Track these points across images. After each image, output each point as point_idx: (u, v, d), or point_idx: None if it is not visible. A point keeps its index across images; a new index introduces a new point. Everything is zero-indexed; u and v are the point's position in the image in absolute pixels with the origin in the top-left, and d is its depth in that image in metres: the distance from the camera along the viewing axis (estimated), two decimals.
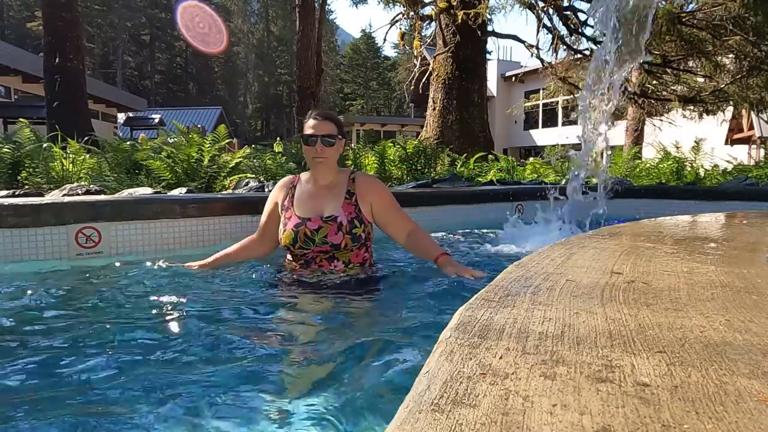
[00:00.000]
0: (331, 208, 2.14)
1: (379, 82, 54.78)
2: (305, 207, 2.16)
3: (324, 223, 2.11)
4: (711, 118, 11.27)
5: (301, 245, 2.11)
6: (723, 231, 2.04)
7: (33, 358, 1.38)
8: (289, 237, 2.13)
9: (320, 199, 2.16)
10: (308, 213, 2.14)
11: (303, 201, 2.18)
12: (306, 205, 2.17)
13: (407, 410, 0.49)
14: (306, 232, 2.10)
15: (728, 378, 0.57)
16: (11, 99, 19.14)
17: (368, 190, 2.21)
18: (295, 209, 2.16)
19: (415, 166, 6.03)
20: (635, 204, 4.89)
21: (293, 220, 2.14)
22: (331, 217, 2.12)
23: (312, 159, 2.13)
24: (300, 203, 2.18)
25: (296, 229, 2.11)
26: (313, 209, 2.15)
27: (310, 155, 2.13)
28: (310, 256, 2.15)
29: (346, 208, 2.14)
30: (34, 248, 2.57)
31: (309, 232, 2.10)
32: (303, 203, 2.18)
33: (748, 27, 7.49)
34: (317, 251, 2.13)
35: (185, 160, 4.32)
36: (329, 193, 2.18)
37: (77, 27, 9.54)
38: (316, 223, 2.11)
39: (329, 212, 2.13)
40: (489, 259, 2.80)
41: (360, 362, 1.37)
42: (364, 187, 2.20)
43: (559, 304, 0.85)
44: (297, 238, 2.11)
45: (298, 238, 2.11)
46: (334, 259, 2.16)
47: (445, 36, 9.47)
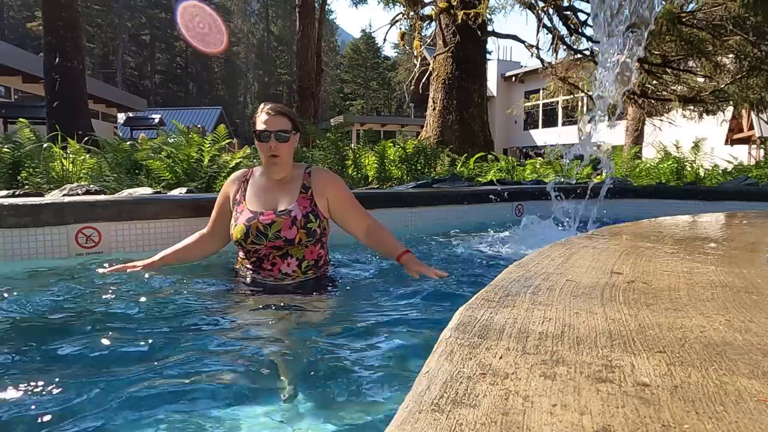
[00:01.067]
0: (285, 203, 2.06)
1: (379, 82, 54.76)
2: (258, 201, 2.08)
3: (277, 217, 2.02)
4: (711, 118, 11.28)
5: (253, 240, 2.02)
6: (723, 231, 2.04)
7: (26, 358, 1.38)
8: (240, 231, 2.03)
9: (274, 194, 2.09)
10: (261, 207, 2.06)
11: (256, 195, 2.10)
12: (259, 199, 2.09)
13: (407, 410, 0.49)
14: (258, 227, 2.01)
15: (728, 378, 0.57)
16: (11, 99, 19.14)
17: (325, 184, 2.14)
18: (247, 203, 2.08)
19: (415, 166, 6.03)
20: (635, 204, 4.89)
21: (245, 214, 2.05)
22: (284, 211, 2.04)
23: (266, 156, 2.03)
24: (253, 197, 2.09)
25: (248, 224, 2.02)
26: (267, 203, 2.07)
27: (264, 152, 2.03)
28: (263, 252, 2.06)
29: (301, 203, 2.06)
30: (34, 248, 2.57)
31: (261, 227, 2.01)
32: (256, 197, 2.09)
33: (748, 27, 7.49)
34: (270, 247, 2.03)
35: (185, 160, 4.32)
36: (284, 187, 2.10)
37: (77, 27, 9.54)
38: (269, 217, 2.02)
39: (283, 206, 2.05)
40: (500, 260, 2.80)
41: (360, 362, 1.37)
42: (320, 182, 2.13)
43: (559, 304, 0.85)
44: (249, 233, 2.01)
45: (250, 233, 2.01)
46: (288, 255, 2.07)
47: (445, 36, 9.47)
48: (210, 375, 1.28)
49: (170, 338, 1.52)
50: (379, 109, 53.53)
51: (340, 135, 5.95)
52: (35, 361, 1.37)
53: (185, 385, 1.22)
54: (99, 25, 45.87)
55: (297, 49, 9.42)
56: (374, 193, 4.13)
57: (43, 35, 9.57)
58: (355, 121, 26.54)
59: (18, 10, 44.96)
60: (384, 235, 2.17)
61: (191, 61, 53.48)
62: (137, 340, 1.49)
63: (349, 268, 2.47)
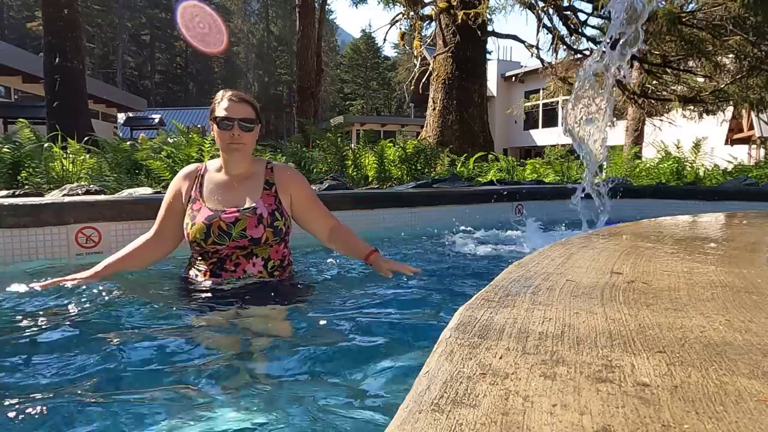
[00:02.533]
0: (248, 199, 1.93)
1: (379, 82, 54.75)
2: (217, 198, 1.93)
3: (241, 214, 1.88)
4: (711, 118, 11.28)
5: (215, 240, 1.86)
6: (723, 231, 2.04)
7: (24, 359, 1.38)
8: (199, 231, 1.86)
9: (234, 190, 1.94)
10: (221, 204, 1.91)
11: (214, 191, 1.94)
12: (218, 195, 1.93)
13: (407, 410, 0.49)
14: (221, 225, 1.86)
15: (728, 378, 0.57)
16: (11, 99, 19.14)
17: (288, 180, 2.02)
18: (205, 200, 1.92)
19: (414, 166, 6.03)
20: (635, 204, 4.89)
21: (204, 212, 1.89)
22: (249, 208, 1.90)
23: (227, 145, 1.89)
24: (211, 194, 1.94)
25: (208, 222, 1.86)
26: (228, 200, 1.92)
27: (225, 141, 1.88)
28: (225, 253, 1.90)
29: (265, 200, 1.94)
30: (34, 248, 2.57)
31: (224, 225, 1.86)
32: (214, 194, 1.94)
33: (748, 27, 7.50)
34: (233, 247, 1.89)
35: (185, 160, 4.32)
36: (244, 183, 1.96)
37: (77, 27, 9.54)
38: (231, 214, 1.88)
39: (247, 203, 1.92)
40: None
41: (359, 363, 1.37)
42: (284, 178, 2.01)
43: (559, 304, 0.85)
44: (210, 232, 1.86)
45: (212, 232, 1.86)
46: (253, 255, 1.93)
47: (445, 36, 9.47)
48: (195, 389, 1.28)
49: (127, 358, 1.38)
50: (379, 109, 53.53)
51: (340, 135, 5.95)
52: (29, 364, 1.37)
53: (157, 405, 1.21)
54: (99, 25, 45.87)
55: (297, 49, 9.43)
56: (374, 193, 4.13)
57: (43, 35, 9.58)
58: (355, 121, 26.55)
59: (18, 10, 44.95)
60: (349, 236, 2.09)
61: (191, 61, 53.49)
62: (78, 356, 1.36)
63: (316, 268, 2.36)
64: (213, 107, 1.92)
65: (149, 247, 1.98)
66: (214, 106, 1.92)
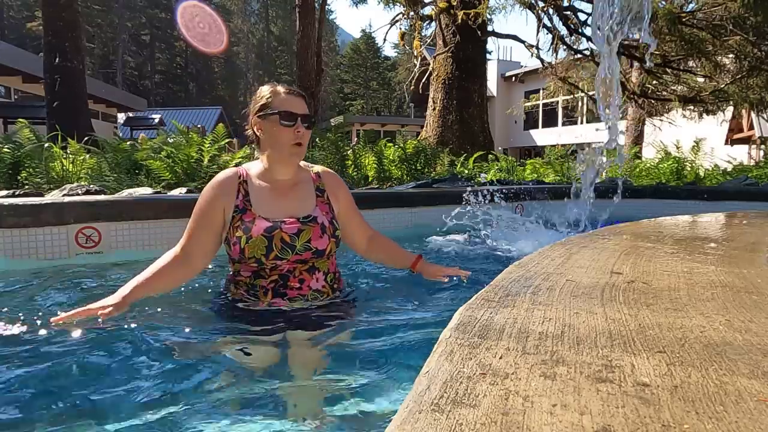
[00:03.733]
0: (305, 207, 1.73)
1: (379, 82, 54.76)
2: (271, 207, 1.70)
3: (303, 225, 1.68)
4: (711, 118, 11.28)
5: (278, 255, 1.63)
6: (723, 231, 2.04)
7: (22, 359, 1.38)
8: (259, 246, 1.62)
9: (287, 198, 1.73)
10: (278, 214, 1.69)
11: (265, 200, 1.71)
12: (271, 204, 1.70)
13: (407, 410, 0.49)
14: (283, 237, 1.64)
15: (728, 378, 0.57)
16: (11, 99, 19.15)
17: (337, 186, 1.85)
18: (257, 210, 1.68)
19: (414, 166, 6.04)
20: (635, 204, 4.89)
21: (260, 224, 1.65)
22: (309, 217, 1.71)
23: (288, 145, 1.66)
24: (262, 203, 1.70)
25: (269, 234, 1.63)
26: (282, 209, 1.70)
27: (287, 140, 1.65)
28: (286, 268, 1.67)
29: (321, 208, 1.76)
30: (34, 248, 2.57)
31: (287, 237, 1.64)
32: (266, 203, 1.70)
33: (748, 27, 7.50)
34: (294, 261, 1.67)
35: (185, 160, 4.32)
36: (295, 189, 1.76)
37: (77, 27, 9.55)
38: (293, 225, 1.67)
39: (305, 212, 1.72)
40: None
41: (359, 362, 1.37)
42: (332, 183, 1.84)
43: (559, 304, 0.85)
44: (272, 246, 1.63)
45: (274, 246, 1.63)
46: (315, 269, 1.72)
47: (445, 36, 9.47)
48: (206, 379, 1.28)
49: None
50: (379, 109, 53.53)
51: (340, 135, 5.95)
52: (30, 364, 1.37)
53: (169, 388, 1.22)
54: (99, 25, 45.88)
55: (297, 49, 9.41)
56: (374, 193, 4.13)
57: (43, 35, 9.58)
58: (355, 121, 26.56)
59: (18, 10, 44.96)
60: (390, 244, 1.96)
61: (191, 61, 53.49)
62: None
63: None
64: (264, 102, 1.68)
65: (178, 267, 1.66)
66: (266, 101, 1.68)
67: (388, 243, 1.96)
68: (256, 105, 1.70)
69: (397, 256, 1.94)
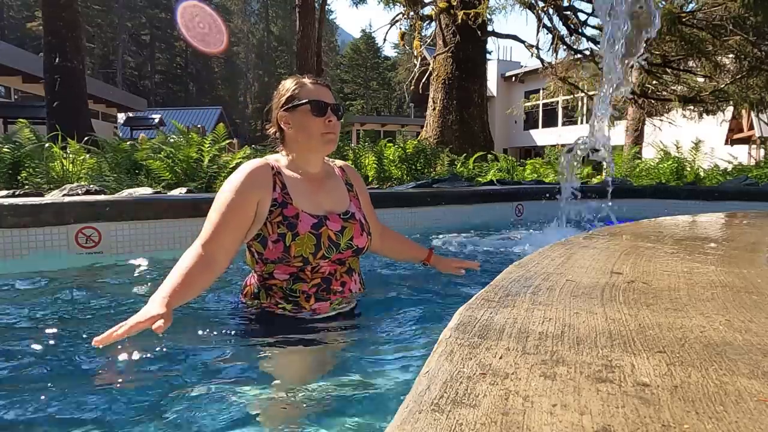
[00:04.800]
0: (342, 203, 1.63)
1: (379, 82, 54.77)
2: (311, 202, 1.56)
3: (345, 221, 1.58)
4: (711, 118, 11.29)
5: (324, 253, 1.51)
6: (723, 231, 2.04)
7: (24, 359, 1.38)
8: (308, 244, 1.48)
9: (323, 192, 1.61)
10: (319, 209, 1.56)
11: (304, 194, 1.56)
12: (310, 199, 1.57)
13: (407, 410, 0.49)
14: (330, 235, 1.52)
15: (728, 378, 0.57)
16: (11, 99, 19.15)
17: (360, 182, 1.79)
18: (299, 205, 1.53)
19: (414, 166, 6.04)
20: (635, 204, 4.89)
21: (306, 220, 1.51)
22: (348, 213, 1.61)
23: (321, 135, 1.54)
24: (301, 197, 1.55)
25: (317, 231, 1.50)
26: (322, 204, 1.58)
27: (319, 129, 1.53)
28: (327, 270, 1.56)
29: (354, 203, 1.67)
30: (34, 248, 2.57)
31: (333, 235, 1.53)
32: (306, 197, 1.56)
33: (748, 27, 7.50)
34: (335, 261, 1.56)
35: (185, 160, 4.32)
36: (327, 184, 1.65)
37: (77, 27, 9.54)
38: (336, 222, 1.56)
39: (343, 207, 1.62)
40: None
41: (360, 362, 1.37)
42: (356, 177, 1.77)
43: (559, 304, 0.85)
44: (321, 244, 1.50)
45: (322, 244, 1.50)
46: (352, 271, 1.63)
47: (445, 36, 9.47)
48: (211, 378, 1.28)
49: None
50: (379, 109, 53.54)
51: (341, 135, 5.95)
52: (30, 365, 1.37)
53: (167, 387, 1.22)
54: (99, 25, 45.88)
55: (297, 49, 9.41)
56: (374, 193, 4.13)
57: (43, 35, 9.58)
58: (355, 121, 26.54)
59: (18, 10, 44.96)
60: (401, 238, 1.92)
61: (191, 61, 53.48)
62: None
63: None
64: (291, 95, 1.56)
65: (205, 271, 1.40)
66: (292, 93, 1.56)
67: (400, 237, 1.94)
68: (281, 99, 1.58)
69: (410, 249, 1.93)
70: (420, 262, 1.91)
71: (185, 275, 1.33)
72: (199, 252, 1.41)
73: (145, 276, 2.37)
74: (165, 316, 1.16)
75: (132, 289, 2.14)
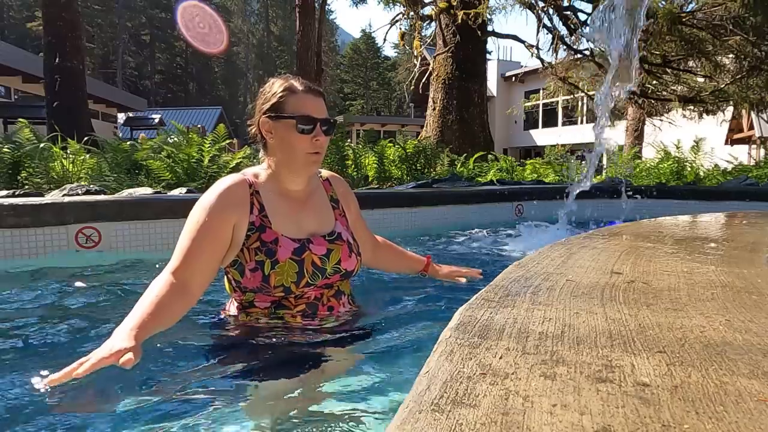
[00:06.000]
0: (326, 223, 1.49)
1: (379, 82, 54.78)
2: (292, 224, 1.42)
3: (330, 243, 1.45)
4: (711, 118, 11.28)
5: (308, 281, 1.39)
6: (723, 231, 2.04)
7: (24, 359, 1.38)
8: (289, 272, 1.36)
9: (305, 212, 1.47)
10: (301, 232, 1.42)
11: (283, 215, 1.42)
12: (291, 221, 1.42)
13: (407, 410, 0.49)
14: (314, 260, 1.39)
15: (728, 378, 0.57)
16: (11, 99, 19.15)
17: (347, 194, 1.63)
18: (278, 228, 1.39)
19: (415, 166, 6.04)
20: (635, 204, 4.89)
21: (286, 244, 1.37)
22: (334, 234, 1.48)
23: (305, 155, 1.38)
24: (281, 219, 1.41)
25: (299, 258, 1.37)
26: (304, 226, 1.44)
27: (304, 149, 1.37)
28: (312, 295, 1.44)
29: (341, 221, 1.53)
30: (34, 248, 2.57)
31: (317, 260, 1.40)
32: (285, 219, 1.42)
33: (748, 27, 7.49)
34: (321, 286, 1.44)
35: (185, 160, 4.32)
36: (310, 202, 1.49)
37: (77, 27, 9.55)
38: (321, 244, 1.43)
39: (328, 228, 1.48)
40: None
41: (359, 363, 1.37)
42: (343, 191, 1.62)
43: (559, 304, 0.85)
44: (303, 271, 1.37)
45: (305, 271, 1.38)
46: (341, 294, 1.52)
47: (445, 36, 9.47)
48: (208, 381, 1.28)
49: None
50: (379, 109, 53.54)
51: (340, 135, 5.95)
52: (29, 365, 1.37)
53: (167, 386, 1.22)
54: (99, 25, 45.89)
55: (297, 49, 9.41)
56: (374, 193, 4.13)
57: (43, 35, 9.59)
58: (355, 121, 26.55)
59: (18, 10, 44.97)
60: (396, 250, 1.82)
61: (191, 61, 53.48)
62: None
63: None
64: (276, 101, 1.39)
65: (177, 301, 1.26)
66: (278, 100, 1.38)
67: (395, 248, 1.82)
68: (266, 102, 1.40)
69: (406, 261, 1.81)
70: (418, 272, 1.81)
71: (155, 305, 1.20)
72: (170, 280, 1.26)
73: (146, 276, 2.36)
74: (133, 350, 1.04)
75: (132, 290, 2.14)
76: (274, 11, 57.75)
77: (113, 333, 1.10)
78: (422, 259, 1.82)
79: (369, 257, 1.73)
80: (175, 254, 1.31)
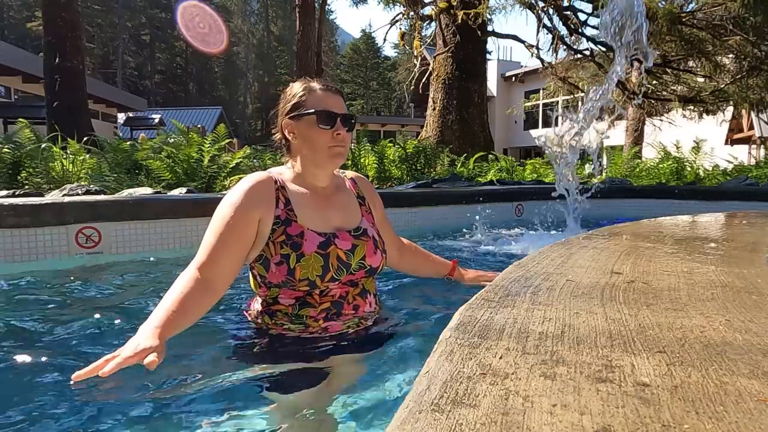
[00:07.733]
0: (352, 219, 1.51)
1: (379, 82, 54.79)
2: (318, 218, 1.43)
3: (356, 239, 1.45)
4: (711, 118, 11.29)
5: (333, 275, 1.39)
6: (723, 231, 2.04)
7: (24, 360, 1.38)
8: (314, 265, 1.36)
9: (331, 207, 1.48)
10: (326, 227, 1.43)
11: (309, 210, 1.43)
12: (316, 215, 1.44)
13: (407, 410, 0.49)
14: (339, 255, 1.40)
15: (728, 378, 0.57)
16: (11, 99, 19.15)
17: (373, 193, 1.66)
18: (304, 222, 1.40)
19: (415, 166, 6.04)
20: (635, 204, 4.89)
21: (312, 238, 1.38)
22: (360, 230, 1.49)
23: (328, 148, 1.41)
24: (307, 213, 1.42)
25: (324, 251, 1.37)
26: (330, 221, 1.46)
27: (326, 143, 1.40)
28: (337, 293, 1.43)
29: (367, 218, 1.55)
30: (34, 248, 2.57)
31: (342, 254, 1.40)
32: (311, 213, 1.43)
33: (748, 27, 7.49)
34: (346, 283, 1.44)
35: (185, 160, 4.32)
36: (336, 198, 1.52)
37: (77, 27, 9.55)
38: (346, 239, 1.43)
39: (354, 223, 1.50)
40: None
41: (359, 362, 1.37)
42: (369, 190, 1.64)
43: (559, 304, 0.85)
44: (329, 265, 1.37)
45: (330, 265, 1.38)
46: (366, 293, 1.50)
47: (445, 36, 9.47)
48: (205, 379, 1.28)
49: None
50: (379, 109, 53.54)
51: None
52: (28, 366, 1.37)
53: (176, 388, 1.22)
54: (99, 25, 45.88)
55: (297, 49, 9.41)
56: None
57: (43, 35, 9.59)
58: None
59: (18, 10, 44.96)
60: (422, 252, 1.81)
61: (191, 61, 53.48)
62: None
63: None
64: (297, 101, 1.43)
65: (202, 297, 1.27)
66: (298, 100, 1.43)
67: (420, 251, 1.81)
68: (286, 105, 1.44)
69: (431, 264, 1.81)
70: (444, 276, 1.81)
71: (180, 302, 1.20)
72: (195, 276, 1.27)
73: (146, 276, 2.36)
74: (158, 349, 1.04)
75: (132, 290, 2.14)
76: (274, 11, 57.76)
77: (138, 330, 1.11)
78: (448, 263, 1.82)
79: (394, 259, 1.72)
80: (200, 250, 1.33)
